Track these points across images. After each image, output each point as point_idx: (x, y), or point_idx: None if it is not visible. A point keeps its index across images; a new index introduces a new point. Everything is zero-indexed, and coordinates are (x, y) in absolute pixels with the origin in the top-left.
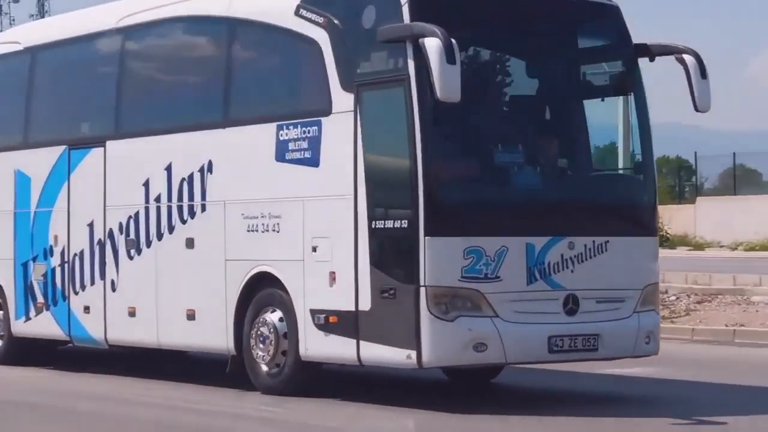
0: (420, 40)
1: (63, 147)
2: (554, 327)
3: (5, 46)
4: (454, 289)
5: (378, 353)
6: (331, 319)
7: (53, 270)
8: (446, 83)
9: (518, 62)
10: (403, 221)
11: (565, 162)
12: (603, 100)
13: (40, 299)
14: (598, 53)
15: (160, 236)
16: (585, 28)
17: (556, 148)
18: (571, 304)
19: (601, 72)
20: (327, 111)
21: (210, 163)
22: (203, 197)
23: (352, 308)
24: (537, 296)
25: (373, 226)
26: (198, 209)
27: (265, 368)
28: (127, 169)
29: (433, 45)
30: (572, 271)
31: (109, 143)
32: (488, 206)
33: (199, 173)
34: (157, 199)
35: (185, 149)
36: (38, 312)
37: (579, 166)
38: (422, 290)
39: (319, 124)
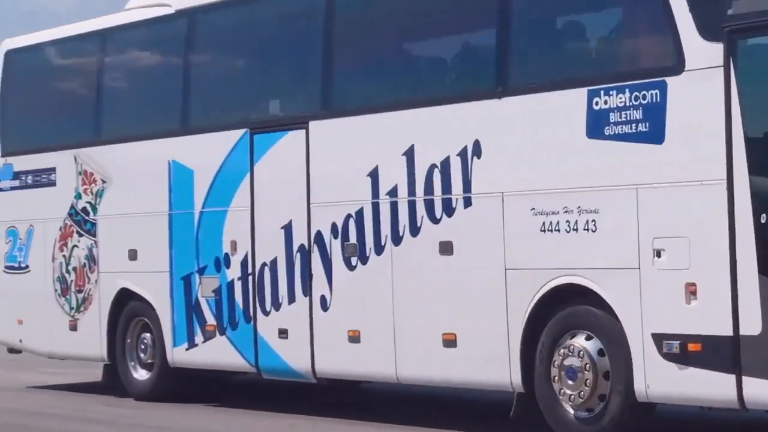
0: None
1: (242, 131)
2: None
3: (151, 9)
4: None
5: None
6: (691, 346)
7: (230, 284)
8: None
9: None
10: None
11: None
12: None
13: (211, 321)
14: None
15: (397, 240)
16: None
17: None
18: None
19: None
20: (676, 68)
21: (477, 144)
22: (467, 189)
23: (729, 332)
24: None
25: (763, 221)
26: (458, 204)
27: (570, 410)
28: (343, 156)
29: None
30: None
31: (313, 124)
32: None
33: (458, 158)
34: (392, 193)
35: (436, 128)
36: (208, 337)
37: None
38: None
39: (662, 86)
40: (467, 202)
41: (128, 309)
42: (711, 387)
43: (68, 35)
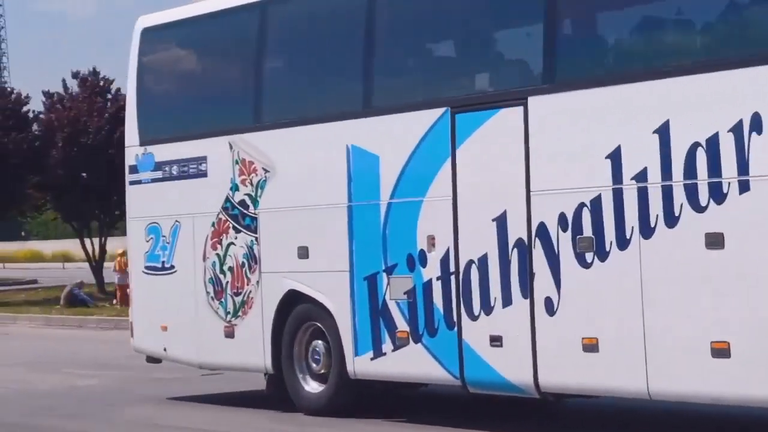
0: None
1: (441, 110)
2: None
3: None
4: None
5: None
6: None
7: (426, 285)
8: None
9: None
10: None
11: None
12: None
13: (403, 327)
14: None
15: (648, 232)
16: None
17: None
18: None
19: None
20: None
21: (757, 118)
22: (743, 171)
23: None
24: None
25: None
26: (731, 189)
27: None
28: (573, 136)
29: None
30: None
31: (533, 99)
32: None
33: (730, 134)
34: (640, 177)
35: (699, 99)
36: (399, 345)
37: None
38: None
39: None
40: (744, 187)
41: (296, 313)
42: None
43: (220, 8)
